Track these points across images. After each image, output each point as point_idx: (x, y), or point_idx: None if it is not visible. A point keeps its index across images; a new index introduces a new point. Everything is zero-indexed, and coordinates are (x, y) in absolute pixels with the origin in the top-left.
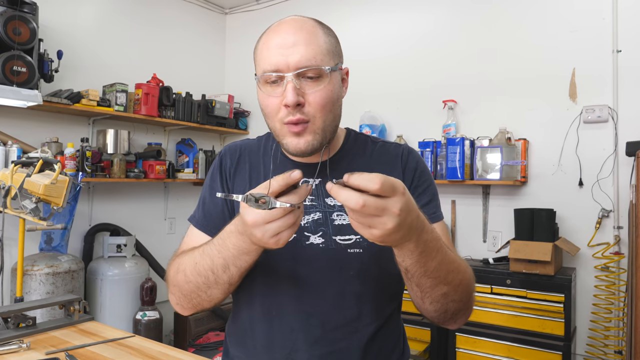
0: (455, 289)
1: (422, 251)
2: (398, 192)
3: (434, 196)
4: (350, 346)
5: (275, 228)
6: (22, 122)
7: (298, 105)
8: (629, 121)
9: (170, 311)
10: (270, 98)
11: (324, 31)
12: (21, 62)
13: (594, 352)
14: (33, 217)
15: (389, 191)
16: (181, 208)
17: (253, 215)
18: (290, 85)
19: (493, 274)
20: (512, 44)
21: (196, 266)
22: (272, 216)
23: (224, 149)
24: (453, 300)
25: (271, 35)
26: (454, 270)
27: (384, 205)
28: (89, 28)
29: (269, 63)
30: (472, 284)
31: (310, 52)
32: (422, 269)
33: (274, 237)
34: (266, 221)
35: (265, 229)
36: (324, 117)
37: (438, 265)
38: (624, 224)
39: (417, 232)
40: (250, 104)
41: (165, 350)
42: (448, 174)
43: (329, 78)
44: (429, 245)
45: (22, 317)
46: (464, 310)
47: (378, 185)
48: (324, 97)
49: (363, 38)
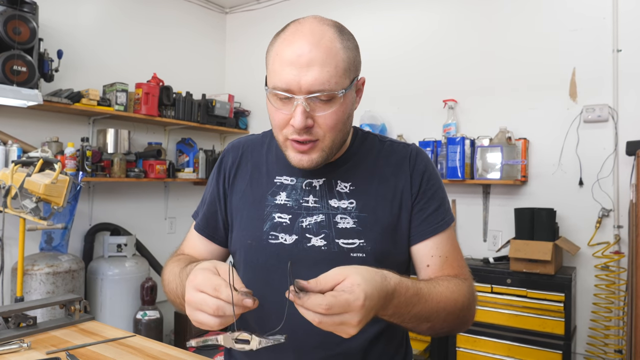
0: (441, 323)
1: (394, 312)
2: (352, 307)
3: (443, 200)
4: (352, 349)
5: (200, 318)
6: (23, 122)
7: (306, 127)
8: (629, 120)
9: (171, 311)
10: (278, 112)
11: (343, 44)
12: (21, 62)
13: (594, 351)
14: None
15: (340, 309)
16: (181, 207)
17: (196, 276)
18: (300, 109)
19: (493, 274)
20: (512, 43)
21: (169, 284)
22: (205, 286)
23: (227, 146)
24: (442, 328)
25: (286, 46)
26: (439, 310)
27: (340, 320)
28: (89, 27)
29: (281, 80)
30: (467, 305)
31: (325, 75)
32: (400, 319)
33: (190, 308)
34: (198, 288)
35: (192, 312)
36: (333, 137)
37: (417, 313)
38: (624, 223)
39: (385, 304)
40: (250, 103)
41: (167, 350)
42: (448, 173)
43: (342, 99)
44: (402, 306)
45: (23, 316)
46: (458, 329)
47: (324, 308)
48: (334, 119)
49: (364, 38)
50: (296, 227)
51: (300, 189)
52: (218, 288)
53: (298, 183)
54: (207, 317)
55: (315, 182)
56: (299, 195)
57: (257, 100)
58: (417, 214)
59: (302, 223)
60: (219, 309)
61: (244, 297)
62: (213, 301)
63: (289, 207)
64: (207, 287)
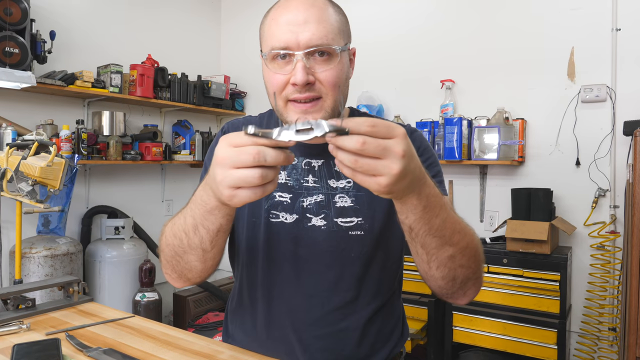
0: (462, 252)
1: (425, 205)
2: (397, 134)
3: (438, 172)
4: (350, 327)
5: (237, 178)
6: (16, 105)
7: (307, 84)
8: (627, 100)
9: (170, 292)
10: (276, 75)
11: (334, 9)
12: (13, 43)
13: (589, 329)
14: (30, 199)
15: (384, 132)
16: (178, 190)
17: (225, 151)
18: (300, 64)
19: (490, 253)
20: (510, 23)
21: (173, 227)
22: (242, 162)
23: (226, 125)
24: (461, 265)
25: (280, 11)
26: (460, 231)
27: (384, 145)
28: (82, 8)
29: (278, 40)
30: (480, 250)
31: (322, 30)
32: (427, 226)
33: (230, 189)
34: (234, 164)
35: (226, 173)
36: (336, 95)
37: (442, 222)
38: (620, 204)
39: (420, 183)
40: (246, 84)
41: (166, 330)
42: (445, 154)
43: (340, 57)
44: (432, 200)
45: (22, 298)
46: (474, 280)
47: (370, 126)
48: (335, 76)
49: (360, 18)
50: (297, 207)
51: (301, 168)
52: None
53: (298, 163)
54: (248, 172)
55: (315, 163)
56: (300, 175)
57: (253, 82)
58: None
59: (302, 203)
60: (260, 153)
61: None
62: (250, 148)
63: (290, 186)
64: (228, 147)
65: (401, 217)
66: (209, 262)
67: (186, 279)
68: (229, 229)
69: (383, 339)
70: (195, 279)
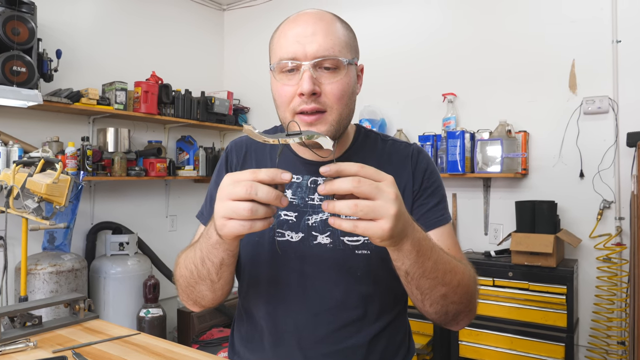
0: (454, 291)
1: (418, 250)
2: (385, 177)
3: (443, 197)
4: (356, 344)
5: (229, 208)
6: (23, 122)
7: (313, 95)
8: (629, 112)
9: (174, 308)
10: (284, 87)
11: (342, 24)
12: (20, 62)
13: (597, 343)
14: (36, 216)
15: (373, 173)
16: (182, 205)
17: (225, 184)
18: (307, 74)
19: (495, 267)
20: (511, 36)
21: (186, 259)
22: (236, 193)
23: (230, 144)
24: (453, 302)
25: (289, 25)
26: (451, 271)
27: (377, 184)
28: (87, 27)
29: (286, 51)
30: (473, 286)
31: (329, 42)
32: (421, 269)
33: (223, 219)
34: (229, 196)
35: (222, 204)
36: (340, 109)
37: (434, 264)
38: (625, 215)
39: (411, 227)
40: (249, 100)
41: (171, 347)
42: (448, 167)
43: (346, 70)
44: (423, 243)
45: (28, 316)
46: (465, 312)
47: (359, 166)
48: (340, 89)
49: (362, 32)
50: (302, 225)
51: (306, 186)
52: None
53: (304, 181)
54: (238, 202)
55: (320, 181)
56: (305, 193)
57: (256, 97)
58: (417, 208)
59: (308, 221)
60: (252, 187)
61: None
62: (245, 182)
63: (295, 204)
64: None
65: (397, 264)
66: (218, 292)
67: (201, 305)
68: (232, 263)
69: (389, 356)
70: (209, 304)
